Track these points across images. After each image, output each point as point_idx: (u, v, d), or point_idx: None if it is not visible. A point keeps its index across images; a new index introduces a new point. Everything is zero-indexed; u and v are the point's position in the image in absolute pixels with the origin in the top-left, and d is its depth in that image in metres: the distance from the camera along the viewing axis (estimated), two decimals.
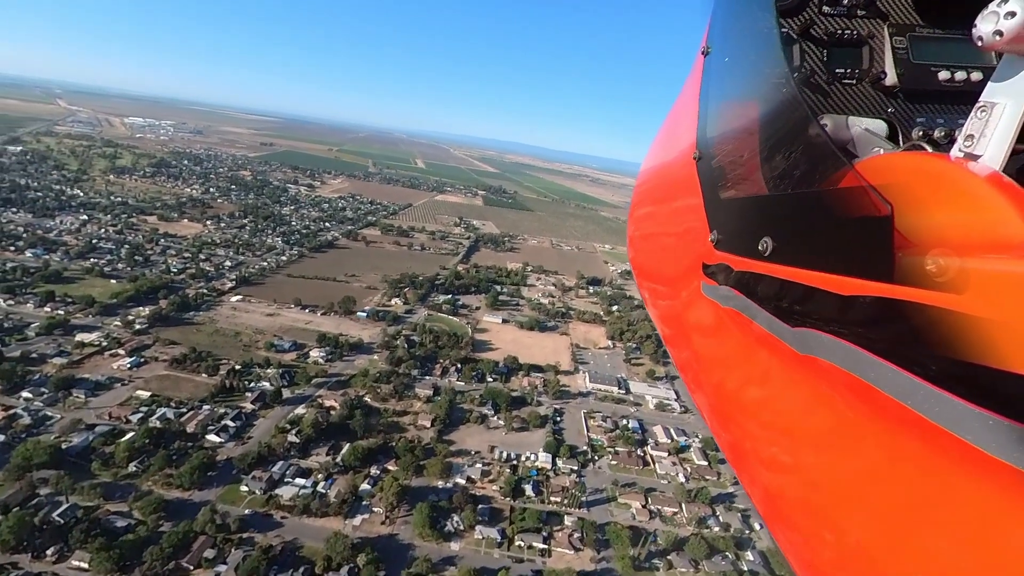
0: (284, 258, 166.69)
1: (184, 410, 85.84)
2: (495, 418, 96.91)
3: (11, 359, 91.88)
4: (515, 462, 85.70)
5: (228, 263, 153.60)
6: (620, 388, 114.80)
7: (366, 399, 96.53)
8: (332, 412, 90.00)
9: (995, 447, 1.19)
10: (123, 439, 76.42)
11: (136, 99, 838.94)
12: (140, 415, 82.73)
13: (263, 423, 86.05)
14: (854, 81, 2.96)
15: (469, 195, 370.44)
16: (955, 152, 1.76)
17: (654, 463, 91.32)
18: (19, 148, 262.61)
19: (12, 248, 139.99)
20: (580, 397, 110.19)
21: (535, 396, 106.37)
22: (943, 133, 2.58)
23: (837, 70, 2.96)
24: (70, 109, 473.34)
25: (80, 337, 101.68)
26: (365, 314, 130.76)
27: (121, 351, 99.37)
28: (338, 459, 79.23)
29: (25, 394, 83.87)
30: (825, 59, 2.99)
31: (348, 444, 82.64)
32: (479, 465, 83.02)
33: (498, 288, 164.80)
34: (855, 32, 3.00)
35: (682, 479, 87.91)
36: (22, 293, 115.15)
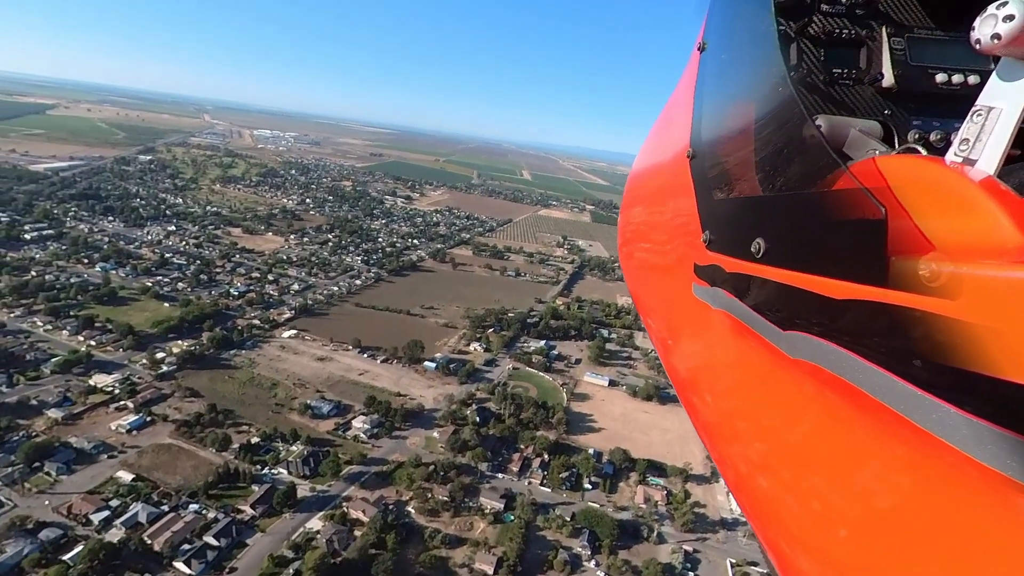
0: (359, 282, 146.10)
1: (165, 508, 62.88)
2: (592, 563, 63.75)
3: (5, 406, 76.03)
4: None
5: (296, 286, 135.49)
6: None
7: (409, 508, 68.06)
8: (356, 530, 62.55)
9: (984, 454, 1.18)
10: (65, 556, 54.47)
11: (273, 113, 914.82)
12: (106, 513, 60.82)
13: (258, 542, 60.43)
14: (851, 82, 2.83)
15: (576, 210, 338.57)
16: (950, 156, 1.73)
17: None
18: (148, 157, 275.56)
19: (86, 260, 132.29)
20: (723, 529, 73.21)
21: (653, 522, 71.41)
22: (939, 136, 2.50)
23: (834, 70, 2.82)
24: (211, 122, 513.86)
25: (95, 380, 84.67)
26: (434, 364, 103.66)
27: (130, 403, 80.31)
28: None
29: None
30: (822, 59, 2.85)
31: None
32: None
33: (604, 333, 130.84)
34: (853, 32, 2.87)
35: None
36: (66, 315, 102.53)
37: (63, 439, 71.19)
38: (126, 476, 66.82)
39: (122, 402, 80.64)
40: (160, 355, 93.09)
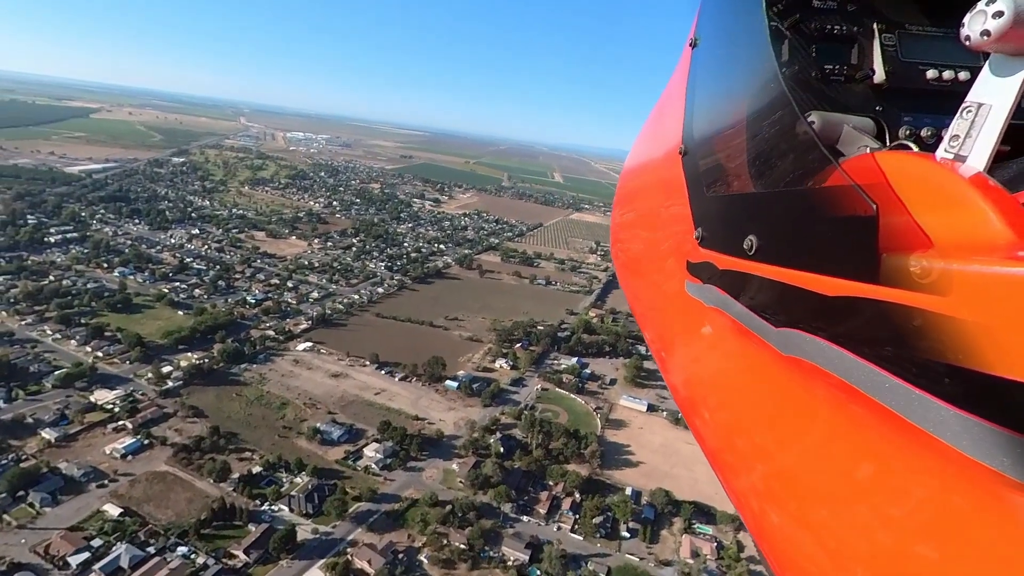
0: (381, 290, 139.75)
1: (151, 550, 56.44)
2: None
3: (0, 424, 71.43)
4: None
5: (315, 294, 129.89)
6: None
7: (421, 558, 59.97)
8: None
9: (976, 450, 1.19)
10: None
11: (307, 116, 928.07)
12: (86, 555, 54.64)
13: None
14: (843, 78, 2.83)
15: (609, 214, 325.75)
16: (941, 152, 1.74)
17: None
18: (181, 159, 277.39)
19: (105, 265, 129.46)
20: None
21: None
22: (930, 132, 2.54)
23: (826, 66, 2.83)
24: (246, 125, 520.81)
25: (96, 396, 79.78)
26: (456, 384, 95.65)
27: (129, 424, 74.85)
28: None
29: None
30: (814, 55, 2.86)
31: None
32: None
33: (642, 350, 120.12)
34: (845, 28, 2.89)
35: None
36: (77, 323, 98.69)
37: (53, 464, 65.93)
38: (114, 510, 60.75)
39: (121, 422, 75.33)
40: (167, 369, 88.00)
